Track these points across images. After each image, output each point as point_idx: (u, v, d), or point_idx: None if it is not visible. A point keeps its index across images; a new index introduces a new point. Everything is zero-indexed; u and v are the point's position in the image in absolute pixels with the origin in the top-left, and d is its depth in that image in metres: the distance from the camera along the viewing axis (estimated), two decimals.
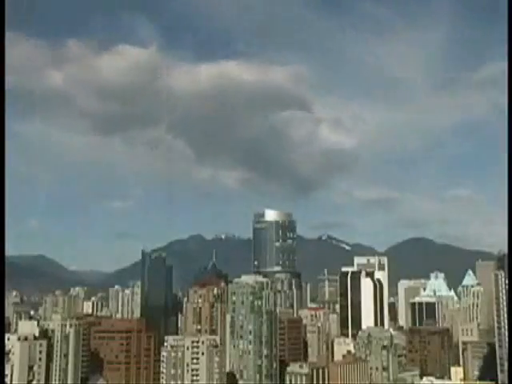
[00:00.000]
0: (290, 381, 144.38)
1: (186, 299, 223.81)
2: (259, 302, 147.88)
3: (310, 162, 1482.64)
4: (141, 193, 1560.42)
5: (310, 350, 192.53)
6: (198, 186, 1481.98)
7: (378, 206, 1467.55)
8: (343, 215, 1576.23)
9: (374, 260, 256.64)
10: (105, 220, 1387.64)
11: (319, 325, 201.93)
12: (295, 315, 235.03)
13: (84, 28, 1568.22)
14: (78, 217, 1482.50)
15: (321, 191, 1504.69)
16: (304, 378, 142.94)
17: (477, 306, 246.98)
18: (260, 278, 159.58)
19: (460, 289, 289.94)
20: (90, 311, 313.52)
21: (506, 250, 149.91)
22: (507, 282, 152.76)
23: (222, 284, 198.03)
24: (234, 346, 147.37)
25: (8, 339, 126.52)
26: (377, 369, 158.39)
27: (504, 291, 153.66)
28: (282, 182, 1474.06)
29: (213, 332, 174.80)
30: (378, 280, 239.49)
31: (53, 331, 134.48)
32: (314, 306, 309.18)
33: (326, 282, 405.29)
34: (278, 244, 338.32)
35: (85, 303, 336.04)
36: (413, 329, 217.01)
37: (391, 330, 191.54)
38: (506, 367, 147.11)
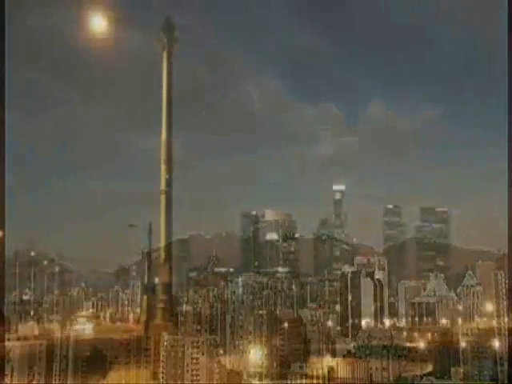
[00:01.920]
0: (291, 381, 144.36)
1: (185, 299, 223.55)
2: (259, 302, 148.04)
3: None
4: None
5: (310, 350, 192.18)
6: None
7: None
8: None
9: (373, 260, 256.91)
10: None
11: (319, 325, 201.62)
12: (295, 315, 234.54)
13: None
14: None
15: None
16: (304, 378, 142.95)
17: (477, 306, 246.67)
18: (260, 278, 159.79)
19: (460, 289, 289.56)
20: (90, 311, 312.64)
21: (506, 249, 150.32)
22: (507, 281, 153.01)
23: (222, 284, 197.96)
24: (234, 346, 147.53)
25: (8, 339, 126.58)
26: (377, 369, 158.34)
27: (504, 291, 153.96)
28: None
29: (213, 332, 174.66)
30: (378, 280, 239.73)
31: (53, 331, 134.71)
32: (314, 305, 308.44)
33: (326, 282, 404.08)
34: (278, 244, 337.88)
35: (85, 303, 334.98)
36: (413, 329, 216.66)
37: (391, 330, 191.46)
38: (505, 367, 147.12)
